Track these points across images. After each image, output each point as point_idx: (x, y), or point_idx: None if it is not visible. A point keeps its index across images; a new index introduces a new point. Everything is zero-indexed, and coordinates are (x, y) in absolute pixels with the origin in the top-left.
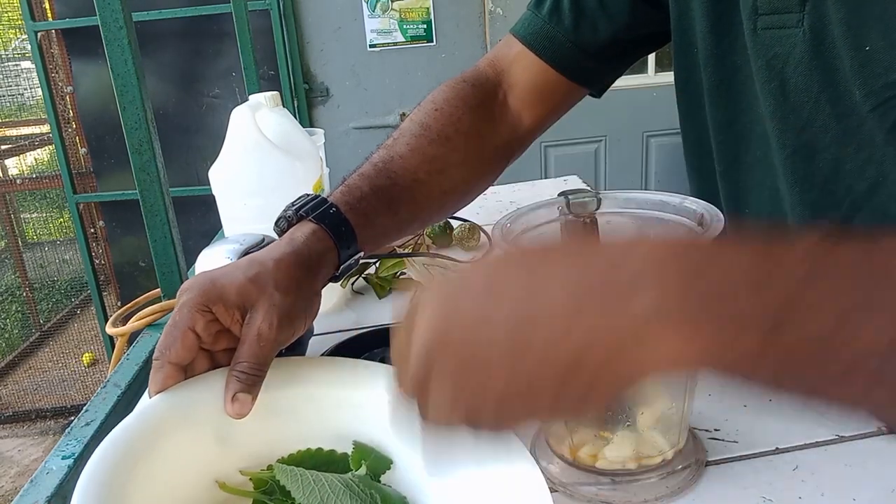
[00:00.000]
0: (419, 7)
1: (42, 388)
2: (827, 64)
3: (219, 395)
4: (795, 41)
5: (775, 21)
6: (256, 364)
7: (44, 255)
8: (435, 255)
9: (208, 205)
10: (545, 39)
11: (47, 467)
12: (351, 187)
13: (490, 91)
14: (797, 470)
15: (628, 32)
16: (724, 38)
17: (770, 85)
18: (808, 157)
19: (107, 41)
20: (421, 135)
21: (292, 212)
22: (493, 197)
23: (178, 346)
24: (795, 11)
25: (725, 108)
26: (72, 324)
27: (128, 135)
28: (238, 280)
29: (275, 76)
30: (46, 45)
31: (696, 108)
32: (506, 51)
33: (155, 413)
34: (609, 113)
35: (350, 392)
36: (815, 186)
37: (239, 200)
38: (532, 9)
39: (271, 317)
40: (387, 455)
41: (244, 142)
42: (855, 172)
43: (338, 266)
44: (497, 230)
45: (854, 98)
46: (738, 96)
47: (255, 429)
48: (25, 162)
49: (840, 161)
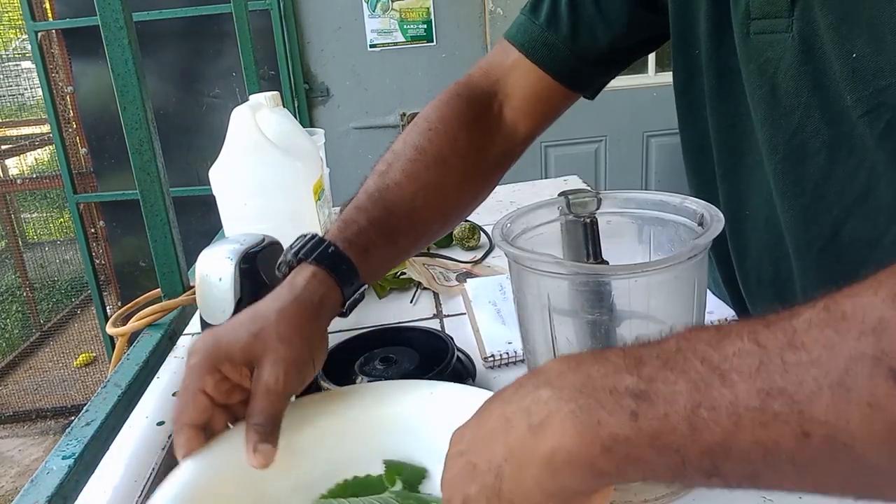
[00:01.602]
0: (419, 7)
1: (42, 388)
2: (817, 69)
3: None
4: (785, 46)
5: (766, 26)
6: (269, 417)
7: (44, 255)
8: (435, 255)
9: (208, 205)
10: (544, 47)
11: (48, 467)
12: (348, 222)
13: (485, 104)
14: None
15: (626, 38)
16: (724, 40)
17: (761, 90)
18: (798, 162)
19: (107, 41)
20: (416, 159)
21: (291, 255)
22: (493, 197)
23: (191, 408)
24: (785, 17)
25: (726, 111)
26: (72, 324)
27: (128, 135)
28: (242, 338)
29: (275, 76)
30: (47, 45)
31: (697, 109)
32: (501, 58)
33: (186, 484)
34: (609, 113)
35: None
36: (806, 192)
37: (239, 200)
38: (527, 14)
39: (277, 370)
40: (420, 465)
41: (244, 142)
42: (846, 178)
43: (343, 303)
44: (497, 230)
45: (845, 103)
46: (738, 99)
47: (285, 472)
48: (26, 162)
49: (831, 166)
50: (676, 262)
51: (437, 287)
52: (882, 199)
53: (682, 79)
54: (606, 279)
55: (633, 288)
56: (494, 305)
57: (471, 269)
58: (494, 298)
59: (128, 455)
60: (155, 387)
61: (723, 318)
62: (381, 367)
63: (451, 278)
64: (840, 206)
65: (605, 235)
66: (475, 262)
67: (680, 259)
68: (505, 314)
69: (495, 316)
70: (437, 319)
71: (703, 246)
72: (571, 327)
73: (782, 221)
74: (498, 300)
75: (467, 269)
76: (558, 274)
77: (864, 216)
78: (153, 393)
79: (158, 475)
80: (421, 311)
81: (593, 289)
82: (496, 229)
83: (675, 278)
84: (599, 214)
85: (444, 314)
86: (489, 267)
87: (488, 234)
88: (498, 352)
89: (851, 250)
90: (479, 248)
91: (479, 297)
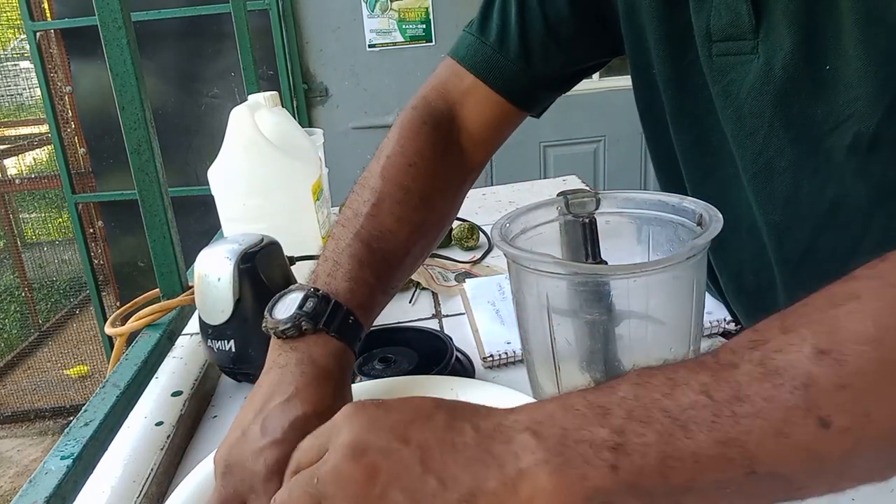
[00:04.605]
0: (418, 7)
1: (41, 388)
2: (780, 89)
3: None
4: (750, 68)
5: (730, 48)
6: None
7: (43, 256)
8: (434, 255)
9: (207, 205)
10: (497, 70)
11: (46, 467)
12: (359, 282)
13: (447, 130)
14: None
15: (579, 59)
16: (681, 60)
17: (727, 110)
18: (766, 180)
19: (106, 41)
20: (404, 201)
21: (306, 321)
22: (492, 197)
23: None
24: (749, 39)
25: (690, 129)
26: (71, 324)
27: (127, 135)
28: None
29: (274, 76)
30: (45, 45)
31: (661, 127)
32: (456, 81)
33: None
34: (608, 113)
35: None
36: (778, 208)
37: (238, 200)
38: (475, 34)
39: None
40: None
41: (243, 142)
42: (814, 194)
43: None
44: (496, 230)
45: (812, 119)
46: (703, 116)
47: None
48: (24, 162)
49: (798, 184)
50: (675, 263)
51: (436, 287)
52: (852, 212)
53: (643, 97)
54: (605, 279)
55: (631, 288)
56: (493, 305)
57: (470, 269)
58: (493, 298)
59: (126, 455)
60: (154, 387)
61: (721, 319)
62: (381, 367)
63: (449, 278)
64: (811, 221)
65: (604, 235)
66: (474, 262)
67: (679, 259)
68: (504, 314)
69: (494, 316)
70: (436, 319)
71: (701, 246)
72: (570, 327)
73: (763, 233)
74: (497, 300)
75: (466, 269)
76: (557, 274)
77: (837, 229)
78: (152, 393)
79: (157, 475)
80: (420, 311)
81: (592, 289)
82: (495, 229)
83: (674, 278)
84: (598, 214)
85: (443, 314)
86: (488, 267)
87: (487, 234)
88: (497, 352)
89: (828, 263)
90: (477, 248)
91: (477, 297)
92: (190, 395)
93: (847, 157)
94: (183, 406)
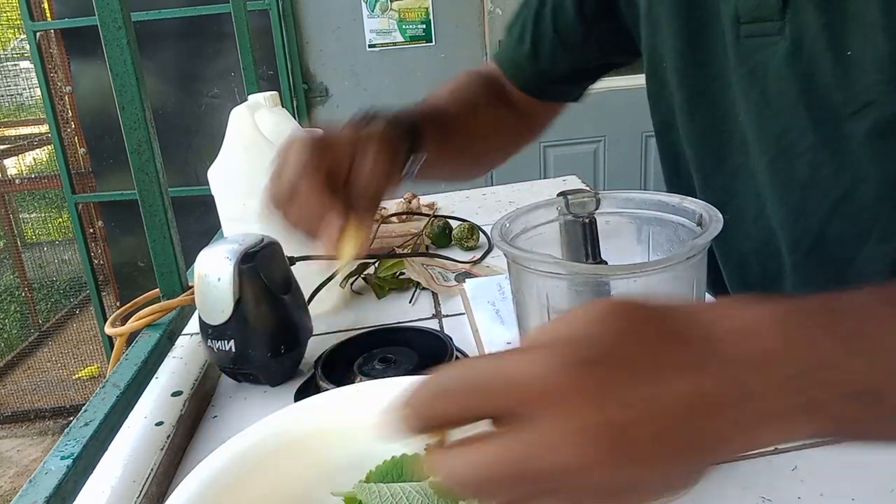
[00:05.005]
0: (418, 7)
1: (41, 388)
2: (805, 70)
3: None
4: (777, 49)
5: (757, 29)
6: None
7: (43, 256)
8: (434, 255)
9: (207, 205)
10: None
11: (46, 467)
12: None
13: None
14: (796, 470)
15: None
16: (699, 50)
17: (752, 92)
18: (787, 161)
19: (106, 41)
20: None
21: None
22: (492, 197)
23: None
24: (776, 19)
25: (702, 120)
26: (71, 324)
27: (127, 135)
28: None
29: (274, 76)
30: (45, 45)
31: (669, 121)
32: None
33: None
34: (608, 113)
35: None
36: (795, 191)
37: (238, 201)
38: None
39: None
40: None
41: (243, 142)
42: (830, 178)
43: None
44: (496, 230)
45: (833, 103)
46: (714, 106)
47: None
48: (24, 162)
49: (816, 167)
50: (675, 263)
51: (435, 287)
52: (865, 199)
53: (654, 91)
54: (605, 279)
55: (631, 288)
56: (493, 305)
57: (470, 269)
58: (493, 298)
59: (126, 455)
60: (154, 387)
61: None
62: (381, 367)
63: (449, 278)
64: (826, 208)
65: (604, 235)
66: (474, 262)
67: (679, 259)
68: (504, 314)
69: (494, 316)
70: (435, 319)
71: (701, 246)
72: None
73: (774, 219)
74: (497, 300)
75: (466, 269)
76: (557, 274)
77: (849, 215)
78: (152, 393)
79: (157, 475)
80: (420, 311)
81: (592, 289)
82: (495, 229)
83: (674, 278)
84: (598, 214)
85: (443, 314)
86: (488, 267)
87: (487, 235)
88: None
89: (838, 248)
90: (477, 248)
91: (477, 297)
92: (190, 395)
93: (864, 143)
94: (183, 406)
